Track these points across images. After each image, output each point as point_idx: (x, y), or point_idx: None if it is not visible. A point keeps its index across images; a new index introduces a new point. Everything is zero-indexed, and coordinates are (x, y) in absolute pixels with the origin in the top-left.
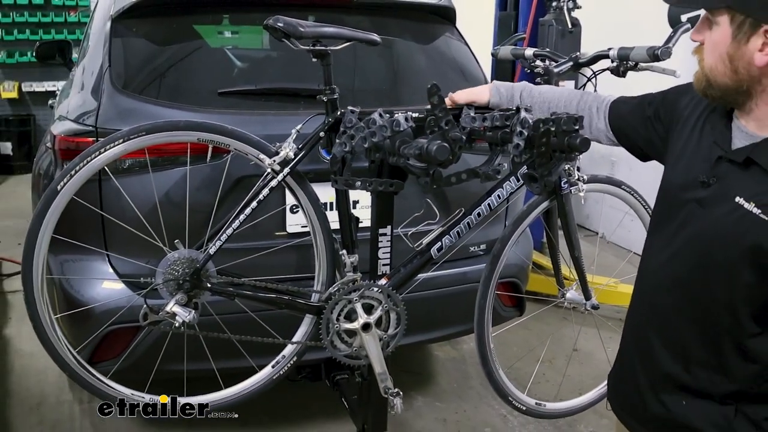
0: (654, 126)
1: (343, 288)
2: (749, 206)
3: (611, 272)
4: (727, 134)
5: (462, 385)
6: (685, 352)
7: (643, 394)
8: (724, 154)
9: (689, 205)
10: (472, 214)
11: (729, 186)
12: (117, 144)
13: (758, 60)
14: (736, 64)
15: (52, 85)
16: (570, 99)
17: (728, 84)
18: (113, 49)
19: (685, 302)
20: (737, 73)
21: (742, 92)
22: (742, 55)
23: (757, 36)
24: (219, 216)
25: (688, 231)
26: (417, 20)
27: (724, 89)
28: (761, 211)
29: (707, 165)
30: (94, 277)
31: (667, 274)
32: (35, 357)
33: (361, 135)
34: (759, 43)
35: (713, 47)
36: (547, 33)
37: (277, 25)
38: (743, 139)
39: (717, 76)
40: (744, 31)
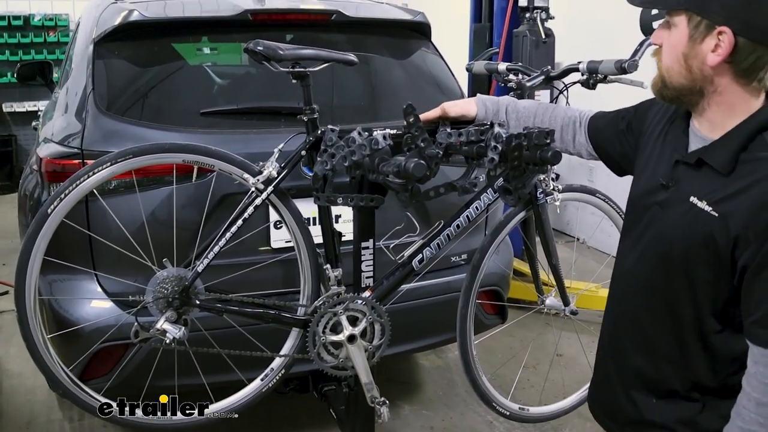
0: (627, 139)
1: (328, 301)
2: (701, 204)
3: (591, 277)
4: (684, 139)
5: (448, 392)
6: (652, 350)
7: (617, 396)
8: (680, 157)
9: (652, 209)
10: (451, 226)
11: (684, 187)
12: (105, 167)
13: (710, 60)
14: (690, 63)
15: (33, 105)
16: (555, 115)
17: (683, 83)
18: (96, 71)
19: (652, 302)
20: (691, 72)
21: (696, 92)
22: (696, 54)
23: (711, 37)
24: (205, 233)
25: (650, 233)
26: (393, 36)
27: (679, 89)
28: (712, 208)
29: (668, 169)
30: (83, 297)
31: (635, 276)
32: (24, 377)
33: (341, 154)
34: (712, 44)
35: (671, 48)
36: (522, 44)
37: (257, 48)
38: (698, 143)
39: (672, 76)
40: (700, 31)
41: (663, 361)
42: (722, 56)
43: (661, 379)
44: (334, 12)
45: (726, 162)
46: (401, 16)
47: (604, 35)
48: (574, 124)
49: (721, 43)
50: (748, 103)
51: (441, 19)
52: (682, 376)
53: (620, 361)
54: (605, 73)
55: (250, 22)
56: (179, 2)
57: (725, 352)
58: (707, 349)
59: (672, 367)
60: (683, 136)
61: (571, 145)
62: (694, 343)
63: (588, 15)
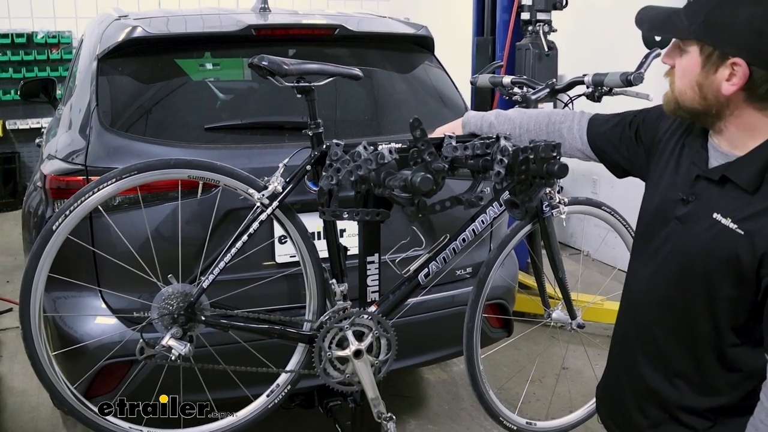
0: (635, 146)
1: (333, 316)
2: (726, 221)
3: (597, 289)
4: (703, 154)
5: (453, 407)
6: (667, 366)
7: (628, 408)
8: (701, 173)
9: (670, 223)
10: (457, 240)
11: (707, 203)
12: (110, 183)
13: (725, 89)
14: (705, 92)
15: (36, 122)
16: (539, 121)
17: (697, 108)
18: (100, 87)
19: (667, 317)
20: (706, 99)
21: (712, 115)
22: (710, 83)
23: (724, 67)
24: (210, 249)
25: (669, 247)
26: (396, 50)
27: (694, 113)
28: (737, 226)
29: (686, 184)
30: (88, 313)
31: (650, 290)
32: (28, 394)
33: (346, 168)
34: (726, 74)
35: (683, 73)
36: (524, 57)
37: (262, 63)
38: (719, 158)
39: (686, 101)
40: (712, 61)
41: (676, 375)
42: (737, 86)
43: (673, 393)
44: (338, 26)
45: (752, 180)
46: (404, 30)
47: (607, 48)
48: (560, 131)
49: (735, 73)
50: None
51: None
52: (695, 390)
53: (632, 375)
54: (611, 86)
55: (253, 37)
56: (182, 18)
57: (741, 367)
58: (723, 364)
59: (685, 381)
60: (702, 150)
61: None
62: (709, 358)
63: (591, 28)
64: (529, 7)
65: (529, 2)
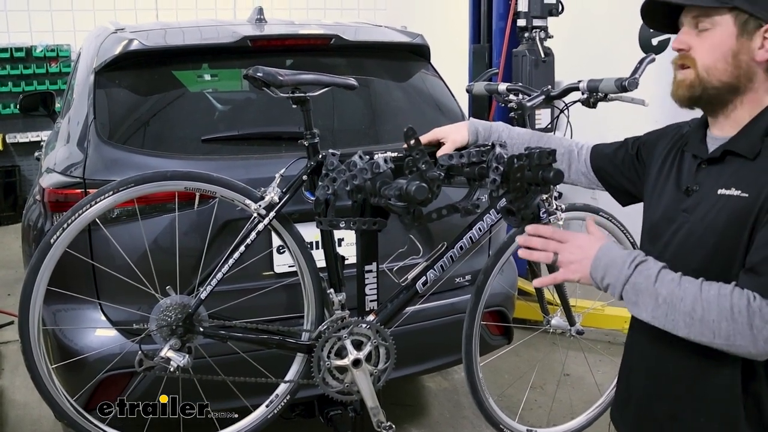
0: (637, 166)
1: (332, 326)
2: (730, 192)
3: (597, 295)
4: (703, 147)
5: (455, 414)
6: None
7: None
8: (702, 159)
9: (677, 218)
10: (455, 248)
11: (710, 185)
12: (107, 196)
13: (760, 56)
14: (740, 59)
15: (35, 135)
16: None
17: (725, 81)
18: (97, 100)
19: None
20: (740, 68)
21: (733, 90)
22: (746, 50)
23: (758, 35)
24: (208, 260)
25: (678, 238)
26: (392, 59)
27: (719, 88)
28: (741, 191)
29: (689, 176)
30: (87, 326)
31: None
32: (29, 407)
33: (343, 178)
34: (759, 41)
35: (713, 48)
36: (521, 64)
37: (257, 74)
38: (718, 144)
39: (714, 74)
40: (748, 29)
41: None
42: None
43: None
44: (333, 36)
45: (752, 146)
46: (400, 38)
47: (603, 53)
48: (570, 154)
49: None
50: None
51: (440, 41)
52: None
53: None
54: (606, 92)
55: (249, 49)
56: (179, 30)
57: None
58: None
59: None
60: (702, 145)
61: (566, 174)
62: None
63: (587, 34)
64: (525, 13)
65: (525, 9)
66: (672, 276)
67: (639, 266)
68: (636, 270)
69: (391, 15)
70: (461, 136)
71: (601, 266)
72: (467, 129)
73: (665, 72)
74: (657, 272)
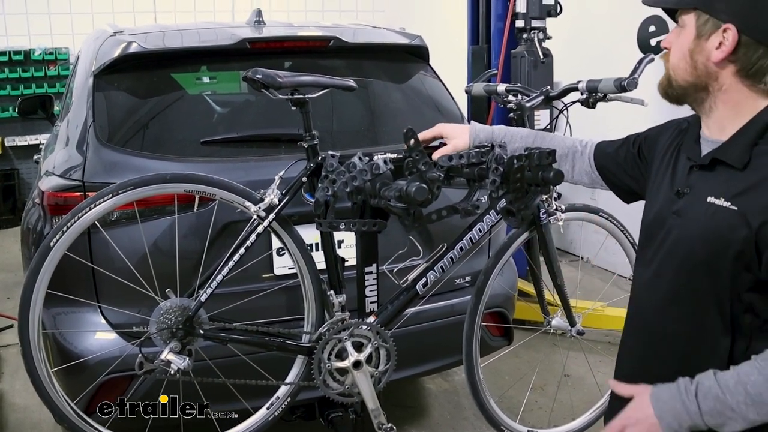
0: (639, 164)
1: (332, 327)
2: (719, 201)
3: (597, 296)
4: (697, 148)
5: (455, 416)
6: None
7: None
8: (693, 163)
9: (668, 220)
10: (455, 249)
11: (701, 190)
12: (107, 199)
13: (714, 56)
14: (696, 59)
15: (34, 138)
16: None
17: (688, 80)
18: (96, 103)
19: (675, 312)
20: (696, 68)
21: (701, 89)
22: (701, 50)
23: (716, 35)
24: (208, 262)
25: (669, 242)
26: (391, 60)
27: (684, 87)
28: (730, 203)
29: (682, 178)
30: (87, 329)
31: (655, 290)
32: (29, 410)
33: (342, 179)
34: (717, 42)
35: (679, 47)
36: (520, 65)
37: (256, 77)
38: (710, 147)
39: (678, 73)
40: (707, 29)
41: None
42: (725, 52)
43: None
44: (332, 38)
45: (740, 156)
46: (399, 40)
47: (602, 54)
48: (574, 154)
49: (725, 40)
50: (755, 102)
51: (439, 42)
52: None
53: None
54: (605, 92)
55: (248, 51)
56: (177, 33)
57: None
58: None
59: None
60: (695, 146)
61: (569, 175)
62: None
63: (586, 34)
64: (523, 14)
65: (524, 10)
66: (728, 376)
67: (698, 394)
68: (699, 399)
69: (389, 16)
70: (463, 142)
71: (669, 417)
72: (469, 134)
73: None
74: (716, 385)
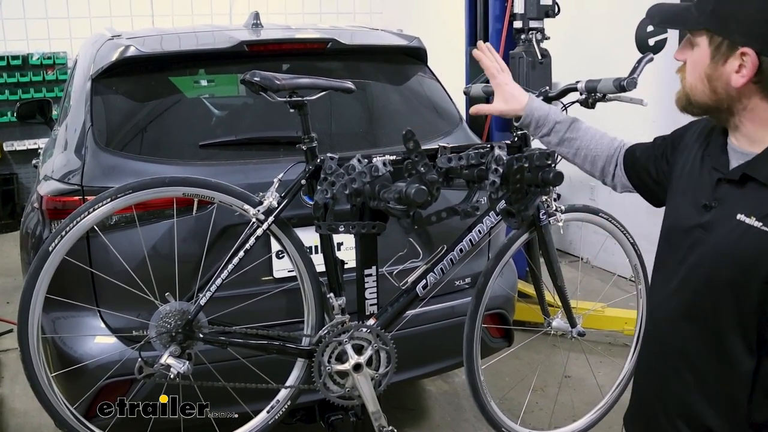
0: (661, 165)
1: (332, 330)
2: (750, 221)
3: (597, 297)
4: (724, 157)
5: (456, 418)
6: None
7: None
8: (722, 176)
9: (694, 233)
10: (455, 251)
11: (730, 206)
12: (105, 203)
13: (735, 81)
14: (714, 85)
15: (33, 143)
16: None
17: (708, 103)
18: (94, 107)
19: (697, 330)
20: (716, 93)
21: (723, 110)
22: (719, 75)
23: (734, 58)
24: (207, 266)
25: (694, 257)
26: (389, 62)
27: (704, 108)
28: (762, 224)
29: (709, 190)
30: (87, 333)
31: (676, 305)
32: (29, 415)
33: (341, 181)
34: (736, 65)
35: (693, 67)
36: (518, 65)
37: (254, 79)
38: (739, 159)
39: (696, 95)
40: (722, 52)
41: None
42: (747, 77)
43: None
44: (330, 40)
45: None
46: (397, 41)
47: (600, 54)
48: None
49: (744, 63)
50: None
51: (437, 44)
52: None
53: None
54: (604, 92)
55: (246, 53)
56: (175, 36)
57: None
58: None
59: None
60: (722, 154)
61: (609, 179)
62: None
63: (584, 34)
64: (521, 15)
65: (522, 11)
66: None
67: None
68: None
69: (387, 18)
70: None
71: None
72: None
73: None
74: None
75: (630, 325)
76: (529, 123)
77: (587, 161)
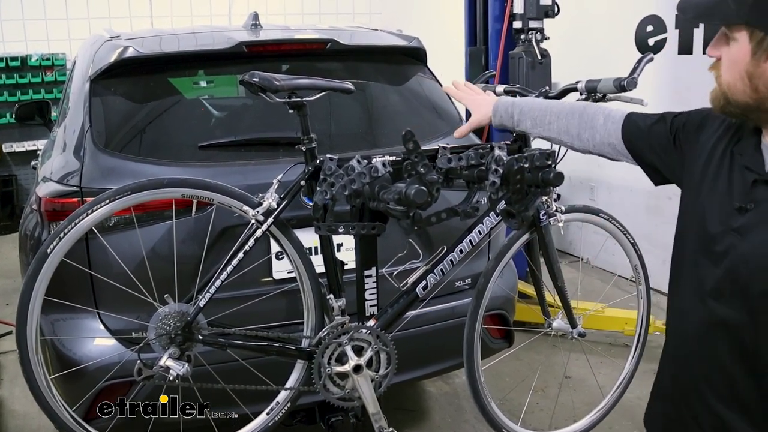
0: (672, 150)
1: (332, 332)
2: None
3: (598, 297)
4: (759, 157)
5: (456, 419)
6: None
7: None
8: (758, 177)
9: (727, 237)
10: (455, 252)
11: (767, 208)
12: (104, 204)
13: None
14: (756, 83)
15: (32, 144)
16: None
17: (748, 102)
18: (93, 109)
19: (735, 344)
20: (757, 91)
21: (764, 110)
22: (762, 73)
23: None
24: (206, 267)
25: (727, 262)
26: (389, 63)
27: (744, 107)
28: None
29: (743, 192)
30: (86, 335)
31: (710, 315)
32: (29, 417)
33: (341, 182)
34: None
35: (731, 64)
36: (518, 66)
37: (253, 80)
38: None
39: (736, 94)
40: (764, 48)
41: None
42: None
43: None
44: (329, 41)
45: None
46: (396, 42)
47: (600, 54)
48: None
49: None
50: None
51: (436, 44)
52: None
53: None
54: (604, 92)
55: (245, 54)
56: (174, 37)
57: None
58: None
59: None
60: (756, 154)
61: (589, 144)
62: None
63: (584, 34)
64: (520, 15)
65: (521, 11)
66: None
67: None
68: None
69: (386, 19)
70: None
71: None
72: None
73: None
74: None
75: (630, 326)
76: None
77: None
